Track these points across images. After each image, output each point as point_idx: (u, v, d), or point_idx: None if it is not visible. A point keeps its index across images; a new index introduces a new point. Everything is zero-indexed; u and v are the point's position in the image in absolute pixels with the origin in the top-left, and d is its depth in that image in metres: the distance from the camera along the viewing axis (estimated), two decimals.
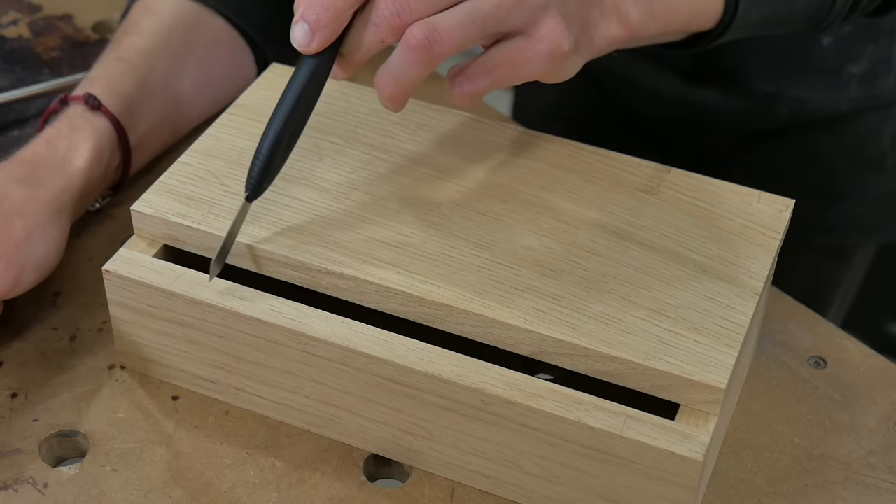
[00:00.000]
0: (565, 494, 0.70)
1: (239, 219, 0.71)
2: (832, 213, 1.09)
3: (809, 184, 1.07)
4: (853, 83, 1.02)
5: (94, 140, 0.83)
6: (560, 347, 0.68)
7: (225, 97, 0.94)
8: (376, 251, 0.72)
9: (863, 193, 1.09)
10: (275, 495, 0.72)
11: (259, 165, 0.69)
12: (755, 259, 0.73)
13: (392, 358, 0.69)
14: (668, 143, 1.08)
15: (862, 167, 1.08)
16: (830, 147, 1.06)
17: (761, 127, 1.05)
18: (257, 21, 0.96)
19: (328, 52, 0.68)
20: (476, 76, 0.68)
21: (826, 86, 1.02)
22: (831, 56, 1.01)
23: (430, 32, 0.65)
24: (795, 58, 1.01)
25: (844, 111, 1.04)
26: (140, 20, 0.92)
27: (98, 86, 0.86)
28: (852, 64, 1.02)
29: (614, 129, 1.11)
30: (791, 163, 1.06)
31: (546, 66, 0.68)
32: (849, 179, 1.08)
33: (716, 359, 0.67)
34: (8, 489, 0.72)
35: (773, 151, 1.06)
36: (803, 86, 1.02)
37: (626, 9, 0.72)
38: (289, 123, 0.69)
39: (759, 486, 0.74)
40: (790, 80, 1.02)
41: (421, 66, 0.66)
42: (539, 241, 0.73)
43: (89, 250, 0.86)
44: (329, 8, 0.66)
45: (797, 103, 1.03)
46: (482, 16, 0.66)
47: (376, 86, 0.67)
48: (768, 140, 1.06)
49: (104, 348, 0.80)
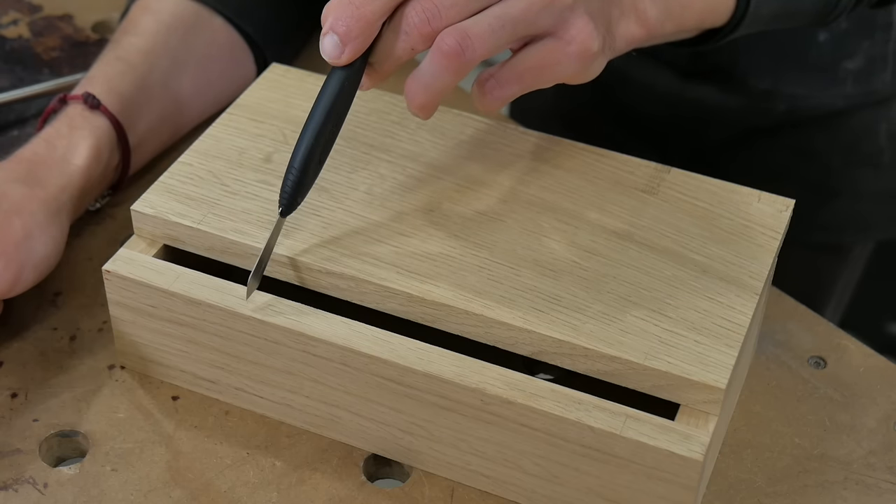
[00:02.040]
0: (565, 494, 0.70)
1: (274, 234, 0.71)
2: (829, 209, 1.09)
3: (806, 180, 1.07)
4: (849, 79, 1.02)
5: (94, 139, 0.83)
6: (560, 347, 0.68)
7: (224, 97, 0.94)
8: (376, 251, 0.72)
9: (859, 190, 1.09)
10: (275, 495, 0.72)
11: (292, 180, 0.68)
12: (755, 259, 0.73)
13: (392, 358, 0.69)
14: (664, 141, 1.08)
15: (858, 164, 1.08)
16: (826, 144, 1.06)
17: (758, 124, 1.05)
18: (257, 21, 0.96)
19: (358, 63, 0.67)
20: (507, 81, 0.68)
21: (822, 82, 1.02)
22: (827, 52, 1.01)
23: (462, 38, 0.64)
24: (791, 54, 1.01)
25: (841, 108, 1.04)
26: (139, 19, 0.91)
27: (97, 85, 0.86)
28: (848, 60, 1.02)
29: (611, 127, 1.11)
30: (787, 159, 1.06)
31: (576, 67, 0.68)
32: (845, 176, 1.08)
33: (716, 359, 0.67)
34: (8, 489, 0.72)
35: (770, 148, 1.06)
36: (800, 82, 1.02)
37: (644, 7, 0.71)
38: (320, 136, 0.68)
39: (759, 486, 0.74)
40: (786, 76, 1.02)
41: (453, 73, 0.65)
42: (539, 241, 0.73)
43: (89, 250, 0.86)
44: (359, 19, 0.65)
45: (793, 100, 1.03)
46: (512, 19, 0.65)
47: (406, 95, 0.67)
48: (765, 137, 1.06)
49: (104, 348, 0.80)
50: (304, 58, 1.02)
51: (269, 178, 0.77)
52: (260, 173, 0.77)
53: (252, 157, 0.78)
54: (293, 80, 0.84)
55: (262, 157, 0.78)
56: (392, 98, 0.83)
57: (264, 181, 0.76)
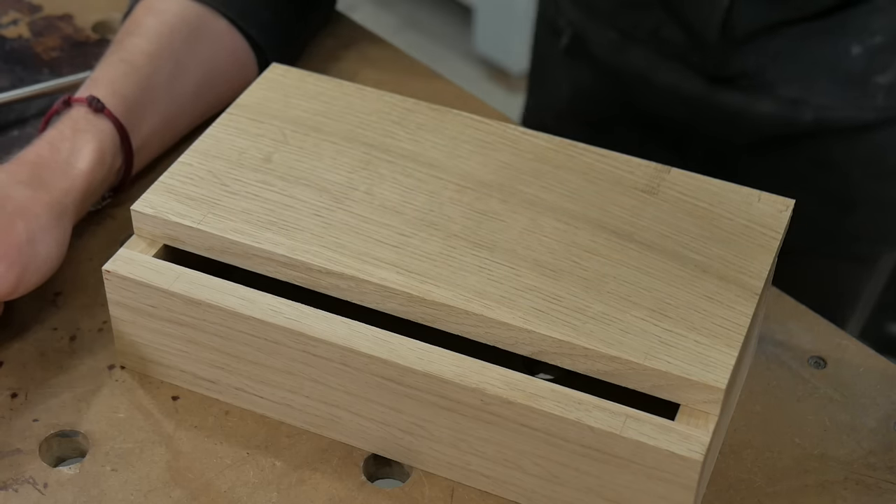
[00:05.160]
0: (565, 494, 0.70)
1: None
2: (849, 221, 1.08)
3: (825, 191, 1.06)
4: (880, 94, 1.02)
5: (97, 143, 0.83)
6: (560, 347, 0.68)
7: (227, 98, 0.94)
8: (376, 251, 0.72)
9: (878, 203, 1.08)
10: (275, 495, 0.72)
11: None
12: (755, 259, 0.73)
13: (392, 358, 0.69)
14: (683, 144, 1.08)
15: (878, 177, 1.07)
16: (847, 155, 1.05)
17: (782, 132, 1.04)
18: (260, 23, 0.96)
19: None
20: None
21: (852, 95, 1.02)
22: (860, 66, 1.00)
23: None
24: (823, 65, 1.00)
25: (868, 121, 1.03)
26: (143, 20, 0.91)
27: (101, 88, 0.86)
28: (880, 75, 1.01)
29: (629, 129, 1.11)
30: (806, 169, 1.06)
31: None
32: (865, 188, 1.07)
33: (716, 359, 0.67)
34: (8, 489, 0.72)
35: (790, 157, 1.06)
36: (829, 94, 1.02)
37: None
38: None
39: (759, 486, 0.74)
40: (816, 87, 1.01)
41: None
42: (539, 241, 0.73)
43: (89, 250, 0.86)
44: None
45: (821, 111, 1.02)
46: None
47: None
48: (786, 145, 1.05)
49: (104, 348, 0.80)
50: (304, 58, 1.02)
51: (269, 178, 0.77)
52: (260, 173, 0.77)
53: (252, 157, 0.78)
54: (293, 80, 0.84)
55: (262, 157, 0.78)
56: (392, 98, 0.83)
57: (264, 181, 0.76)
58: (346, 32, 1.06)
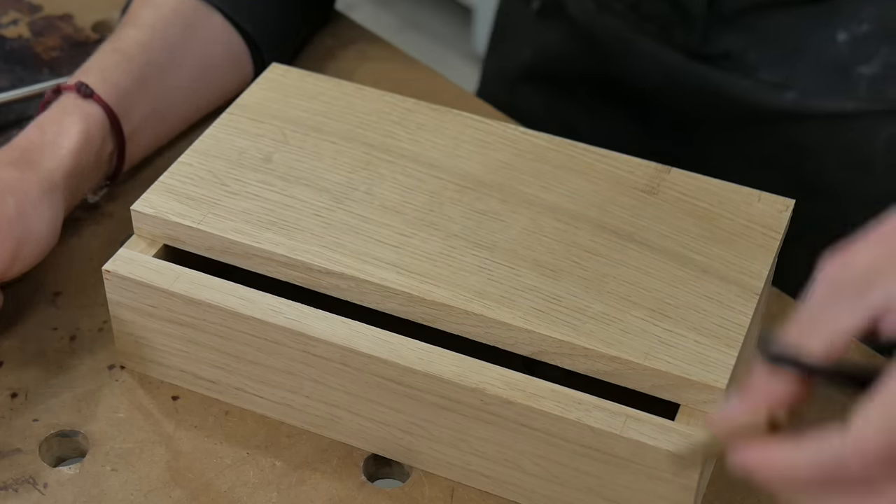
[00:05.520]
0: (565, 494, 0.70)
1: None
2: (816, 208, 1.07)
3: (794, 176, 1.05)
4: (863, 84, 1.01)
5: (84, 124, 0.84)
6: (560, 347, 0.68)
7: (222, 93, 0.95)
8: (376, 251, 0.72)
9: (848, 193, 1.08)
10: (275, 495, 0.72)
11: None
12: (755, 259, 0.73)
13: (392, 358, 0.69)
14: (650, 115, 1.05)
15: (851, 167, 1.06)
16: (822, 142, 1.05)
17: (757, 114, 1.03)
18: (255, 19, 0.96)
19: None
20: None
21: (835, 83, 1.01)
22: (844, 54, 1.00)
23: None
24: (807, 51, 1.00)
25: (849, 111, 1.02)
26: (140, 12, 0.92)
27: (91, 75, 0.87)
28: (864, 65, 1.00)
29: (595, 93, 1.09)
30: (780, 152, 1.05)
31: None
32: (835, 177, 1.07)
33: (716, 359, 0.67)
34: (8, 489, 0.72)
35: (762, 139, 1.04)
36: (811, 80, 1.01)
37: None
38: None
39: (759, 485, 0.74)
40: (799, 72, 1.01)
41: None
42: (539, 241, 0.73)
43: (89, 250, 0.86)
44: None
45: (801, 97, 1.02)
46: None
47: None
48: (760, 127, 1.04)
49: (104, 348, 0.80)
50: (303, 58, 1.02)
51: (269, 178, 0.77)
52: (260, 173, 0.77)
53: (252, 157, 0.78)
54: (293, 80, 0.84)
55: (262, 157, 0.78)
56: (392, 98, 0.83)
57: (264, 181, 0.76)
58: (346, 32, 1.06)
